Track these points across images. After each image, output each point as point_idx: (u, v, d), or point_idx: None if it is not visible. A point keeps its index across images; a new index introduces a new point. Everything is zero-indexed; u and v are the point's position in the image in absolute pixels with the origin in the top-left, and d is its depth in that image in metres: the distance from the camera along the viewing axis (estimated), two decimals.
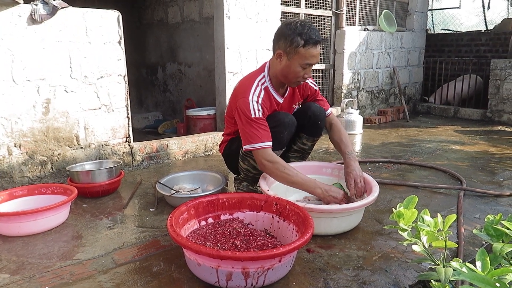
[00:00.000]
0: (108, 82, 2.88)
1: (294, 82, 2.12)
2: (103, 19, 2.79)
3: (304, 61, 2.01)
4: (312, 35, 1.97)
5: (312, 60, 2.02)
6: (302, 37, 1.96)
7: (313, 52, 2.00)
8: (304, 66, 2.03)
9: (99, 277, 1.56)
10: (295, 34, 1.97)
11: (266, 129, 2.02)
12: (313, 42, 1.98)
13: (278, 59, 2.08)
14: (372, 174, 2.88)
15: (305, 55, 1.99)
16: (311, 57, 2.00)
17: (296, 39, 1.97)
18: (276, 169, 1.96)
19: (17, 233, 1.91)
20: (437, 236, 1.31)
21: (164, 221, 2.10)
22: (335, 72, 5.00)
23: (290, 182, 1.97)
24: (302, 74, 2.06)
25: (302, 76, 2.07)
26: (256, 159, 2.03)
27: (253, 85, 2.09)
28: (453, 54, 6.27)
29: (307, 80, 2.16)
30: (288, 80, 2.11)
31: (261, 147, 1.98)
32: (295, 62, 2.02)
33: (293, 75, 2.06)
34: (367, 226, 2.04)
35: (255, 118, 2.01)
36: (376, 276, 1.56)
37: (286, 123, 2.13)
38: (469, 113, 5.52)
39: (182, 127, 4.40)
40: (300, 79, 2.09)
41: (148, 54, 5.83)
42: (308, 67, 2.05)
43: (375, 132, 4.61)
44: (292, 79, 2.09)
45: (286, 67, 2.06)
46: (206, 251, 1.35)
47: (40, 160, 2.64)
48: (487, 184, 2.69)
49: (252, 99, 2.03)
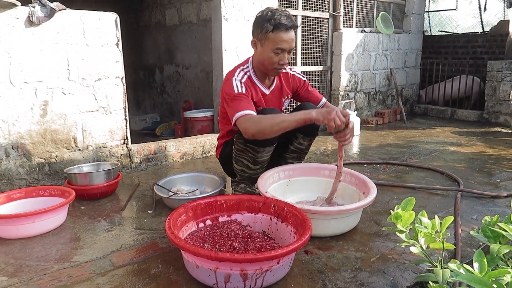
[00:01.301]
0: (106, 84, 2.88)
1: (272, 70, 2.12)
2: (100, 21, 2.79)
3: (275, 46, 2.02)
4: (282, 21, 1.99)
5: (283, 45, 2.02)
6: (271, 23, 1.99)
7: (283, 36, 2.00)
8: (276, 51, 2.03)
9: (97, 279, 1.56)
10: (265, 20, 2.01)
11: (249, 102, 2.03)
12: (283, 27, 1.99)
13: (254, 48, 2.13)
14: (370, 176, 2.89)
15: (275, 40, 2.01)
16: (281, 41, 2.01)
17: (266, 25, 2.01)
18: (260, 122, 1.92)
19: (15, 235, 1.90)
20: (434, 238, 1.32)
21: (162, 223, 2.10)
22: (333, 74, 5.01)
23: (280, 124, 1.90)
24: (277, 60, 2.06)
25: (277, 63, 2.07)
26: (240, 128, 1.97)
27: (236, 71, 2.15)
28: (450, 56, 6.30)
29: (286, 67, 2.13)
30: (265, 67, 2.12)
31: (243, 115, 1.96)
32: (267, 48, 2.04)
33: (268, 61, 2.07)
34: (365, 227, 2.04)
35: (237, 93, 2.03)
36: (374, 278, 1.56)
37: None
38: (466, 114, 5.54)
39: (180, 129, 4.40)
40: (276, 66, 2.08)
41: (145, 56, 5.83)
42: (282, 53, 2.05)
43: (373, 134, 4.62)
44: (269, 66, 2.09)
45: (261, 54, 2.09)
46: (205, 253, 1.35)
47: (37, 162, 2.64)
48: (484, 185, 2.70)
49: (235, 79, 2.08)
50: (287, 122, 1.89)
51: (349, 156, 3.58)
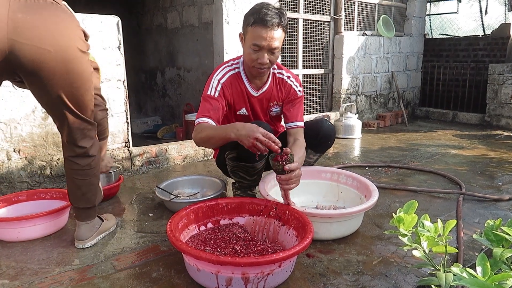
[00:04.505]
0: (108, 87, 2.88)
1: (252, 68, 1.93)
2: (102, 24, 2.80)
3: (252, 41, 1.83)
4: (265, 16, 1.79)
5: (260, 41, 1.82)
6: (253, 16, 1.82)
7: (260, 32, 1.80)
8: (253, 47, 1.84)
9: (99, 282, 1.55)
10: (251, 13, 1.85)
11: (214, 108, 1.91)
12: (263, 22, 1.79)
13: (242, 42, 1.97)
14: (371, 179, 2.88)
15: (253, 34, 1.83)
16: (258, 37, 1.81)
17: (249, 18, 1.85)
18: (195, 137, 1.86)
19: (16, 238, 1.90)
20: (437, 241, 1.31)
21: (163, 226, 2.10)
22: (334, 77, 5.01)
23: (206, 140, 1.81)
24: (255, 58, 1.87)
25: (256, 61, 1.87)
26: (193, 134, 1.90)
27: (221, 66, 2.03)
28: (451, 59, 6.29)
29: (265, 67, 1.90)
30: (247, 65, 1.96)
31: (198, 123, 1.89)
32: (247, 43, 1.88)
33: (247, 57, 1.91)
34: (366, 230, 2.03)
35: (208, 95, 1.95)
36: (376, 281, 1.56)
37: None
38: (468, 117, 5.53)
39: (181, 131, 4.40)
40: (255, 64, 1.89)
41: (147, 59, 5.84)
42: (260, 51, 1.85)
43: (374, 137, 4.61)
44: (248, 63, 1.92)
45: (244, 50, 1.95)
46: (206, 257, 1.35)
47: (39, 165, 2.64)
48: (486, 189, 2.69)
49: (215, 77, 1.98)
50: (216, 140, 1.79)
51: (350, 159, 3.58)
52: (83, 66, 1.61)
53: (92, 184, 1.81)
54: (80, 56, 1.59)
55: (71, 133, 1.69)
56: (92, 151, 1.76)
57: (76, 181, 1.77)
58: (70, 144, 1.72)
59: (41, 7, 1.47)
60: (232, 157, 2.07)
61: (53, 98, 1.59)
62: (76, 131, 1.69)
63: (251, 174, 2.12)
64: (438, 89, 6.11)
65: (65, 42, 1.53)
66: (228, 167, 2.17)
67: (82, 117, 1.68)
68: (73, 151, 1.73)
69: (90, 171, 1.78)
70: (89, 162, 1.76)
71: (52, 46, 1.49)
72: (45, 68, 1.51)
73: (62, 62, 1.53)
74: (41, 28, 1.46)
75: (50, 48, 1.49)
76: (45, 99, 1.63)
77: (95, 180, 1.82)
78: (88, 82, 1.66)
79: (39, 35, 1.46)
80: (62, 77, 1.55)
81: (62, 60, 1.52)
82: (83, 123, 1.70)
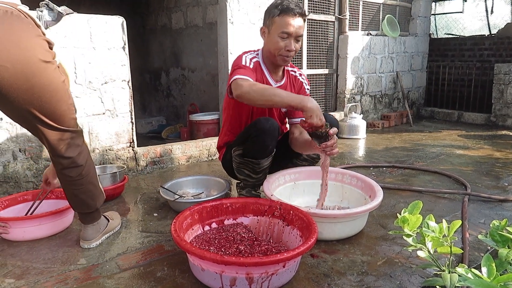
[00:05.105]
0: (112, 87, 2.90)
1: (278, 57, 2.08)
2: (107, 25, 2.81)
3: (281, 30, 2.00)
4: (290, 6, 1.99)
5: (289, 29, 1.99)
6: (278, 8, 2.01)
7: (289, 20, 1.99)
8: (282, 35, 2.01)
9: (104, 282, 1.56)
10: (273, 7, 2.04)
11: (252, 73, 1.99)
12: (290, 11, 1.98)
13: (263, 35, 2.13)
14: (376, 179, 2.87)
15: (281, 23, 2.00)
16: (287, 25, 1.99)
17: (273, 10, 2.03)
18: (253, 84, 1.88)
19: (21, 237, 1.91)
20: (442, 242, 1.31)
21: (168, 226, 2.11)
22: (338, 77, 5.00)
23: (271, 96, 1.82)
24: (283, 46, 2.03)
25: (284, 49, 2.04)
26: (233, 87, 1.93)
27: (246, 52, 2.15)
28: (457, 59, 6.26)
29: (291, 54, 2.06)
30: (272, 54, 2.09)
31: (241, 78, 1.91)
32: (274, 32, 2.03)
33: (274, 47, 2.05)
34: (371, 231, 2.03)
35: (243, 65, 2.03)
36: (380, 282, 1.55)
37: (267, 130, 2.00)
38: (473, 117, 5.50)
39: (186, 132, 4.41)
40: (282, 52, 2.05)
41: (151, 59, 5.86)
42: (288, 38, 2.02)
43: (379, 137, 4.60)
44: (275, 52, 2.06)
45: (268, 41, 2.09)
46: (210, 257, 1.35)
47: (44, 165, 2.65)
48: (491, 189, 2.68)
49: (246, 56, 2.10)
50: (278, 98, 1.81)
51: (355, 159, 3.57)
52: (49, 76, 1.49)
53: (89, 191, 1.75)
54: (43, 67, 1.46)
55: (53, 146, 1.61)
56: (80, 160, 1.67)
57: (72, 190, 1.72)
58: (56, 157, 1.64)
59: None
60: (239, 153, 2.12)
61: (24, 114, 1.50)
62: (58, 143, 1.60)
63: (257, 171, 2.15)
64: (443, 89, 6.08)
65: (22, 55, 1.39)
66: (234, 164, 2.20)
67: (61, 128, 1.59)
68: (60, 164, 1.65)
69: (83, 180, 1.71)
70: (80, 172, 1.69)
71: (9, 61, 1.36)
72: (5, 86, 1.39)
73: (23, 77, 1.41)
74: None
75: (7, 63, 1.36)
76: (16, 116, 1.54)
77: (90, 187, 1.76)
78: (59, 92, 1.54)
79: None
80: (27, 92, 1.44)
81: (23, 75, 1.40)
82: (64, 133, 1.61)
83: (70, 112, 1.63)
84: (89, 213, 1.82)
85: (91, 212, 1.82)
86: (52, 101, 1.52)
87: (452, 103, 5.97)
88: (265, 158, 2.10)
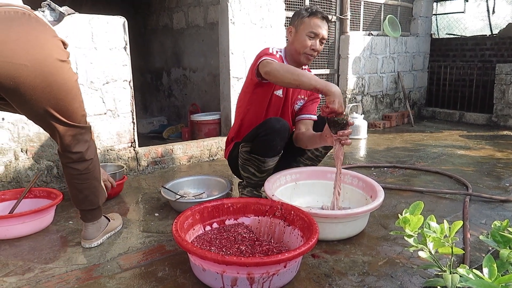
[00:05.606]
0: (114, 87, 2.90)
1: (303, 55, 2.17)
2: (109, 25, 2.81)
3: (309, 29, 2.12)
4: (319, 10, 2.17)
5: (317, 30, 2.12)
6: (308, 11, 2.16)
7: (317, 21, 2.13)
8: (309, 35, 2.13)
9: (105, 282, 1.56)
10: (303, 10, 2.19)
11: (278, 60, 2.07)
12: (319, 14, 2.14)
13: (289, 35, 2.24)
14: (377, 179, 2.87)
15: (310, 24, 2.13)
16: (315, 26, 2.13)
17: (303, 12, 2.18)
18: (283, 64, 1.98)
19: (4, 236, 1.93)
20: (443, 242, 1.31)
21: (169, 226, 2.11)
22: (340, 77, 5.00)
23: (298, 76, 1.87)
24: (309, 45, 2.14)
25: (309, 47, 2.14)
26: (260, 65, 2.01)
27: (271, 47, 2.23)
28: (458, 59, 6.25)
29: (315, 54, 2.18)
30: (297, 52, 2.18)
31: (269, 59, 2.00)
32: (302, 32, 2.15)
33: (300, 45, 2.15)
34: (372, 231, 2.03)
35: (270, 53, 2.13)
36: (381, 282, 1.55)
37: (278, 129, 2.05)
38: (474, 117, 5.49)
39: (187, 132, 4.41)
40: (307, 50, 2.15)
41: (152, 59, 5.86)
42: (315, 38, 2.14)
43: (380, 137, 4.60)
44: (300, 50, 2.16)
45: (295, 40, 2.19)
46: (212, 257, 1.35)
47: (46, 165, 2.66)
48: (493, 189, 2.67)
49: (272, 48, 2.21)
50: (305, 79, 1.85)
51: (356, 159, 3.57)
52: (65, 75, 1.55)
53: (93, 187, 1.79)
54: (60, 66, 1.53)
55: (64, 141, 1.66)
56: (88, 154, 1.72)
57: (76, 185, 1.75)
58: (65, 152, 1.69)
59: (10, 19, 1.40)
60: (246, 150, 2.16)
61: (39, 112, 1.55)
62: (69, 138, 1.66)
63: (261, 170, 2.16)
64: (444, 89, 6.07)
65: (41, 54, 1.46)
66: (240, 160, 2.23)
67: (73, 124, 1.64)
68: (69, 158, 1.70)
69: (89, 175, 1.76)
70: (87, 166, 1.73)
71: (28, 60, 1.42)
72: (23, 84, 1.44)
73: (41, 76, 1.47)
74: (12, 42, 1.38)
75: (26, 62, 1.42)
76: (32, 114, 1.58)
77: (95, 182, 1.80)
78: (73, 90, 1.60)
79: (12, 49, 1.38)
80: (44, 90, 1.50)
81: (41, 74, 1.46)
82: (75, 129, 1.66)
83: (81, 109, 1.69)
84: (91, 210, 1.83)
85: (93, 209, 1.84)
86: (66, 99, 1.59)
87: (454, 103, 5.97)
88: (272, 157, 2.13)
